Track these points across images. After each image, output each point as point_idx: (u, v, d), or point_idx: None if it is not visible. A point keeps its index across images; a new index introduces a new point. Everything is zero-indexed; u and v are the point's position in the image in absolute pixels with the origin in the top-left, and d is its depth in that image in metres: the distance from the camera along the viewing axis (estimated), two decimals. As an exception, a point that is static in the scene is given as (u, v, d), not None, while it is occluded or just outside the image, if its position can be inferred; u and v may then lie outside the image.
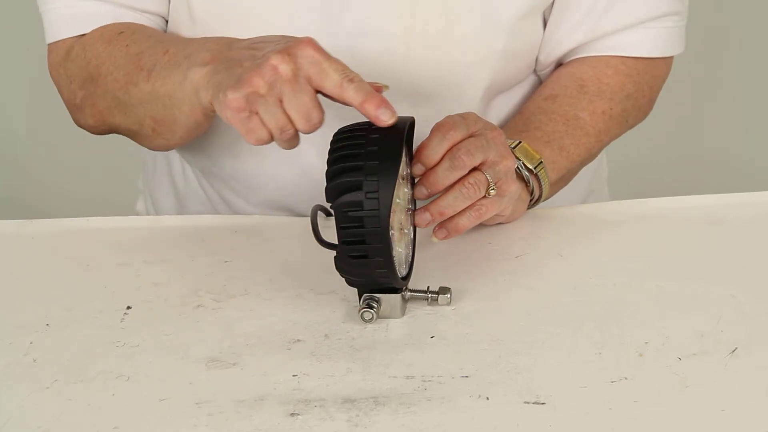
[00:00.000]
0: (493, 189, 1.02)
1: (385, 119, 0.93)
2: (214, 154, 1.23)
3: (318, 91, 0.95)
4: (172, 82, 1.06)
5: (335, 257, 0.94)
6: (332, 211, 0.92)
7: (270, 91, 0.94)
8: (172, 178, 1.33)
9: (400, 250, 0.97)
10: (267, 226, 1.16)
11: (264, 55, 0.95)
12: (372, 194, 0.91)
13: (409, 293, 0.98)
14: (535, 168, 1.11)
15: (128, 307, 1.00)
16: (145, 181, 1.40)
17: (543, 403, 0.85)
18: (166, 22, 1.21)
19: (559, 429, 0.83)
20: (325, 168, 0.93)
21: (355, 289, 0.97)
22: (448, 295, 0.98)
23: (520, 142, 1.12)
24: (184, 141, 1.15)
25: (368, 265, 0.93)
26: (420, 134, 1.01)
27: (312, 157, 1.19)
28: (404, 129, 0.94)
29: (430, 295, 0.99)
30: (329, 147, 0.94)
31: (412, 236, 1.01)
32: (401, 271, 0.97)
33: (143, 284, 1.04)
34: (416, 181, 1.01)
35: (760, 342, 0.93)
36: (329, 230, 0.95)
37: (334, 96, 0.95)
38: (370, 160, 0.91)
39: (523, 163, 1.10)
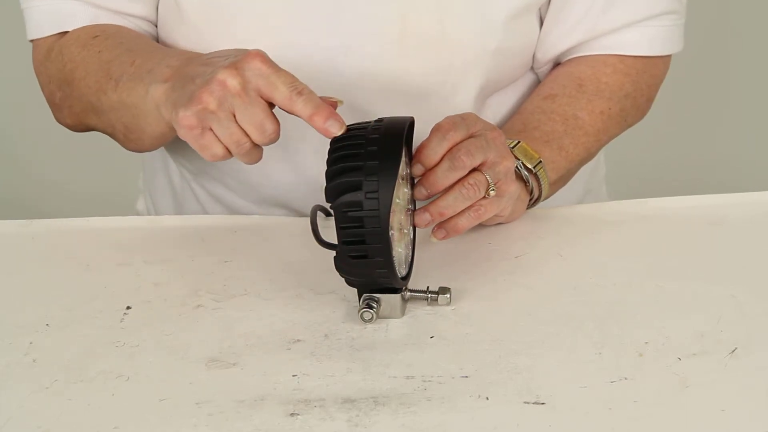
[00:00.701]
0: (493, 189, 1.01)
1: (334, 131, 0.94)
2: None
3: (270, 103, 0.96)
4: (137, 95, 1.07)
5: (335, 257, 0.94)
6: (332, 211, 0.92)
7: (220, 106, 0.95)
8: (169, 178, 1.33)
9: (399, 250, 0.97)
10: (267, 226, 1.16)
11: (213, 70, 0.96)
12: (372, 194, 0.91)
13: (408, 293, 0.98)
14: (534, 168, 1.11)
15: (128, 307, 1.00)
16: (145, 180, 1.40)
17: (543, 403, 0.85)
18: (153, 24, 1.21)
19: (559, 429, 0.83)
20: (321, 167, 0.93)
21: (355, 289, 0.97)
22: (448, 295, 0.98)
23: (519, 142, 1.12)
24: (154, 147, 1.16)
25: (368, 265, 0.93)
26: (416, 134, 1.01)
27: (308, 156, 1.19)
28: (404, 129, 0.94)
29: (429, 295, 0.98)
30: (329, 147, 0.94)
31: (411, 236, 1.01)
32: (401, 271, 0.97)
33: (143, 284, 1.04)
34: (416, 181, 1.01)
35: (760, 342, 0.93)
36: (329, 230, 0.95)
37: (284, 108, 0.95)
38: (370, 160, 0.91)
39: (522, 163, 1.10)
